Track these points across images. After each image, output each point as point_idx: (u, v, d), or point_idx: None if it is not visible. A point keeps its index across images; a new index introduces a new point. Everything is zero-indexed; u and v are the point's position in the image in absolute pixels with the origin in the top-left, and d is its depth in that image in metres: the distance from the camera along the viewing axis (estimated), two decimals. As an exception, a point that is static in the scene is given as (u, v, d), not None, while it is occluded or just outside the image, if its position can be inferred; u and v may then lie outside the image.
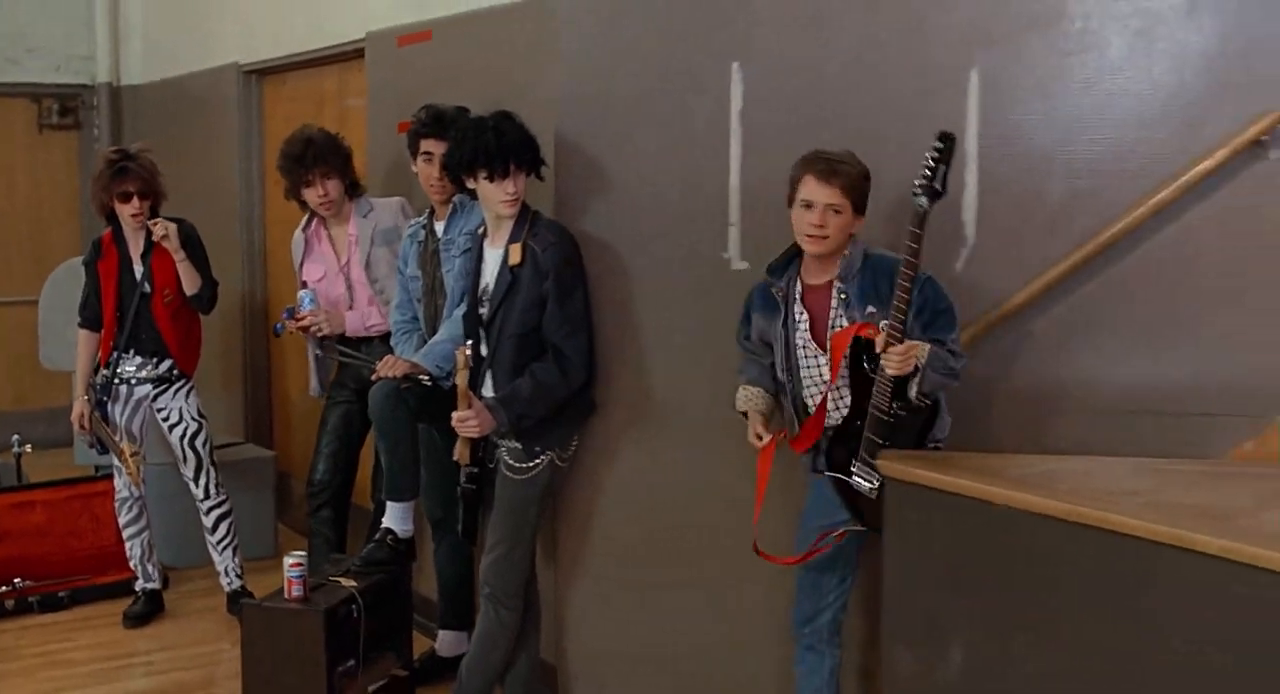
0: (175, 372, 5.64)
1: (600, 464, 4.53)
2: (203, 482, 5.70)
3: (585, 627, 4.70)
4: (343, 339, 5.33)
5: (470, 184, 4.26)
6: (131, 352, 5.59)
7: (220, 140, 7.43)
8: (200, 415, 5.69)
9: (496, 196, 4.21)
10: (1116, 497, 3.13)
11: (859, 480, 3.79)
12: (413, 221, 5.01)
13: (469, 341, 4.32)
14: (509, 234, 4.27)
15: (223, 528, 5.76)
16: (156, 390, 5.63)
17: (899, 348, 3.60)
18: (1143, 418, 4.10)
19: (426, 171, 4.74)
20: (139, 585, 5.90)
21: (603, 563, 4.63)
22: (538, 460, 4.30)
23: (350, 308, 5.34)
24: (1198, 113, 3.94)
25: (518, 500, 4.33)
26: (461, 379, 4.21)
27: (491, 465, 4.39)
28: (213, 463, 5.73)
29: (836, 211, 3.76)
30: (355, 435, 5.49)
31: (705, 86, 4.27)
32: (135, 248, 5.56)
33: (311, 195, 5.30)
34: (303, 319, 5.25)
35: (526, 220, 4.27)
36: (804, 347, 3.88)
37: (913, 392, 3.67)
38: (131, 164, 5.45)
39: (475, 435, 4.25)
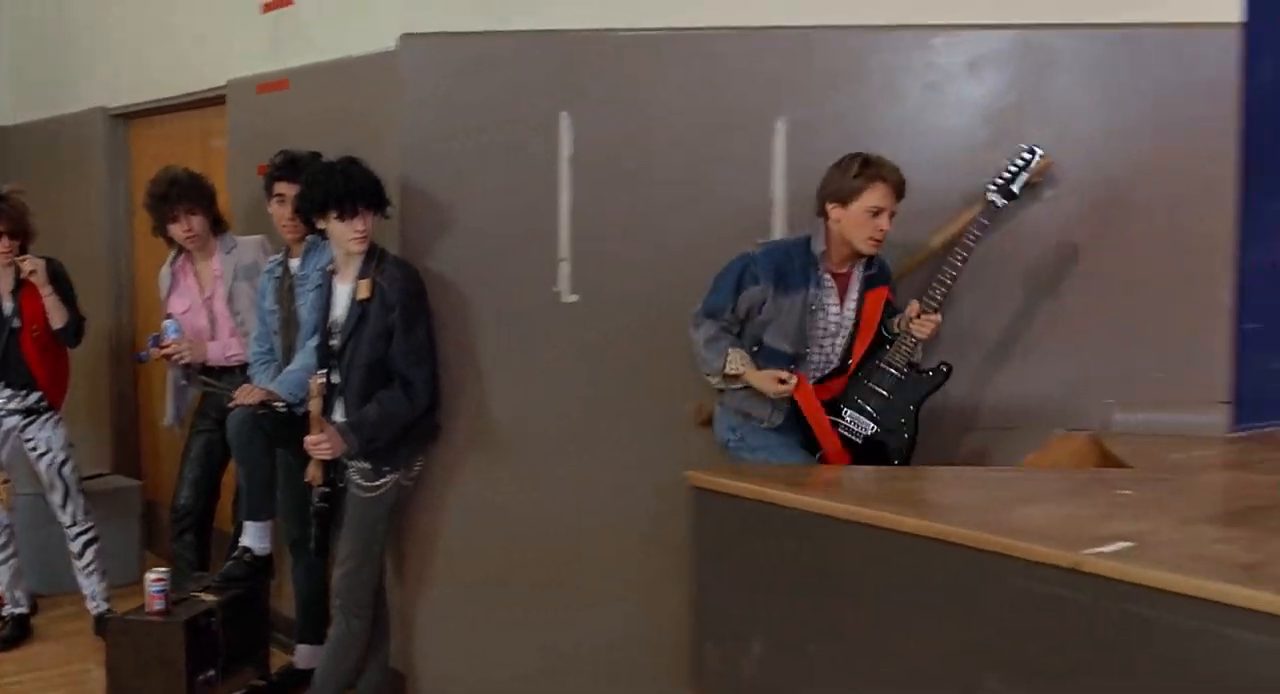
0: (44, 403, 5.83)
1: (443, 483, 4.83)
2: (70, 509, 5.90)
3: (432, 637, 4.97)
4: (205, 369, 5.56)
5: (321, 224, 4.55)
6: (1, 384, 5.79)
7: (89, 181, 7.59)
8: (68, 445, 5.89)
9: (346, 235, 4.50)
10: (888, 498, 3.52)
11: (851, 426, 4.22)
12: (271, 259, 5.28)
13: (322, 371, 4.61)
14: (358, 270, 4.55)
15: (89, 553, 5.96)
16: (25, 421, 5.83)
17: (935, 317, 4.14)
18: (948, 432, 4.54)
19: (280, 212, 5.02)
20: (6, 610, 6.04)
21: (446, 577, 4.91)
22: (384, 480, 4.59)
23: (213, 338, 5.57)
24: (981, 157, 4.40)
25: (366, 518, 4.61)
26: (315, 406, 4.51)
27: (342, 485, 4.66)
28: (80, 490, 5.93)
29: (892, 215, 4.17)
30: (217, 462, 5.69)
31: (537, 134, 4.63)
32: (4, 284, 5.73)
33: (177, 230, 5.51)
34: (166, 347, 5.46)
35: (374, 258, 4.55)
36: (827, 327, 4.26)
37: (918, 356, 4.20)
38: (2, 205, 5.63)
39: (327, 457, 4.54)
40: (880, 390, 4.23)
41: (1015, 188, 4.25)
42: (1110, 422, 4.43)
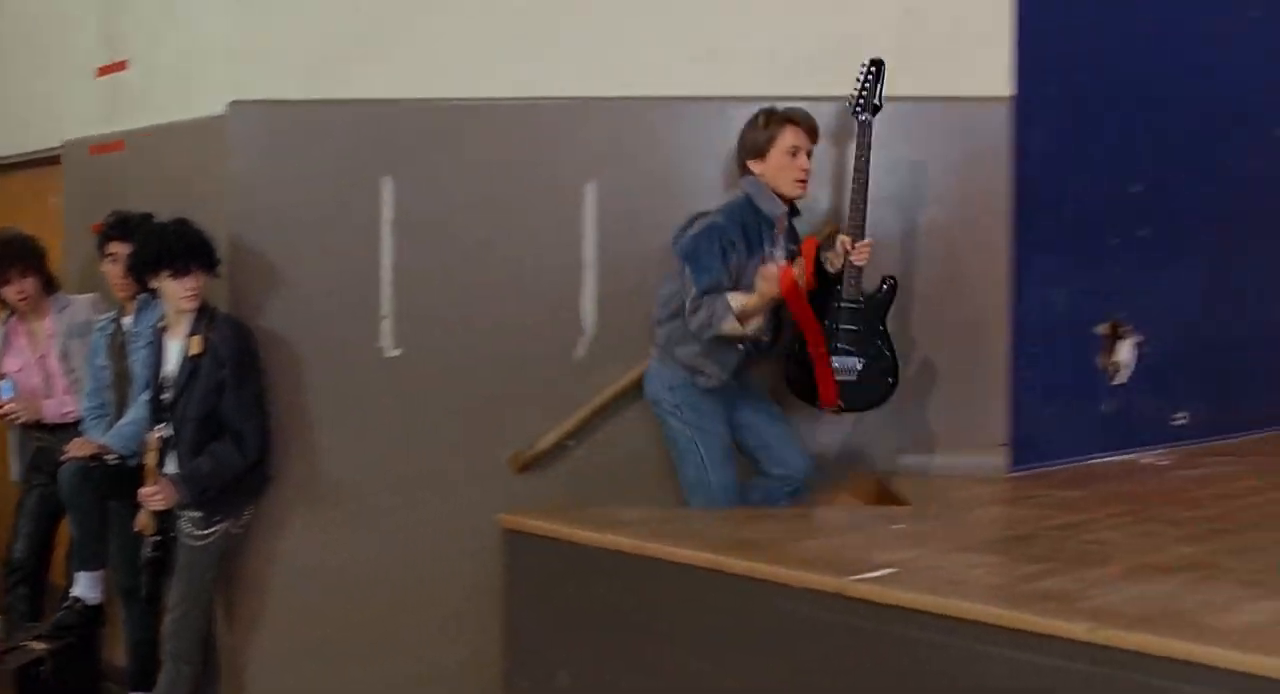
0: None
1: (273, 531, 4.97)
2: (-100, 565, 5.93)
3: (262, 682, 5.07)
4: (42, 426, 5.68)
5: (154, 283, 4.72)
6: None
7: (-79, 240, 7.61)
8: (-102, 502, 5.94)
9: (179, 293, 4.68)
10: (683, 535, 3.79)
11: (840, 369, 4.47)
12: (103, 317, 5.42)
13: (160, 425, 4.75)
14: (189, 327, 4.72)
15: (-81, 608, 5.99)
16: None
17: (865, 242, 4.43)
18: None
19: (112, 271, 5.17)
20: None
21: (276, 622, 5.03)
22: (214, 529, 4.74)
23: (49, 397, 5.67)
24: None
25: (196, 565, 4.75)
26: (151, 458, 4.68)
27: (173, 535, 4.80)
28: (-91, 547, 5.97)
29: (810, 154, 4.47)
30: (52, 516, 5.70)
31: (361, 197, 4.86)
32: None
33: (10, 292, 5.61)
34: (2, 407, 5.57)
35: (205, 315, 4.72)
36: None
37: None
38: None
39: (161, 508, 4.70)
40: (850, 327, 4.49)
41: (876, 101, 4.53)
42: (897, 464, 4.77)
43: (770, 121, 4.47)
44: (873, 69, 4.54)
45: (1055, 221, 5.00)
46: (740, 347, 4.45)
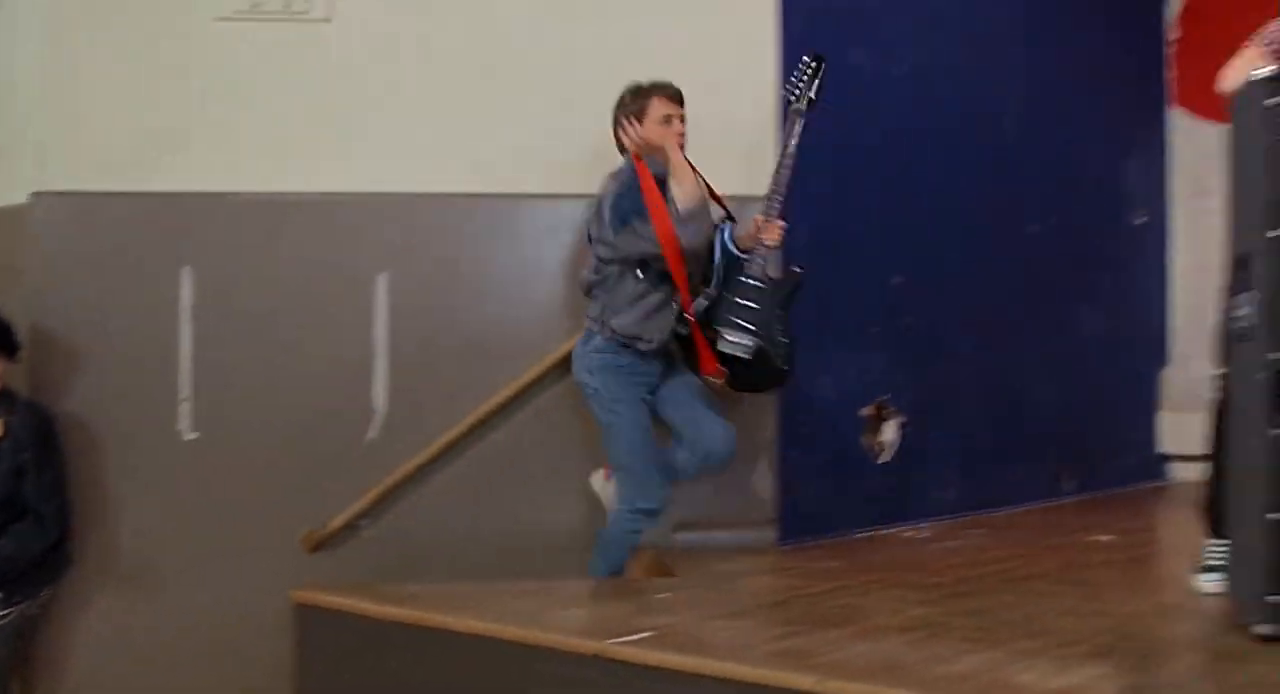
0: None
1: (72, 613, 5.05)
2: None
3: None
4: None
5: (-47, 369, 4.84)
6: None
7: None
8: None
9: (-23, 377, 4.82)
10: (463, 607, 4.01)
11: (735, 344, 4.60)
12: (-98, 402, 5.48)
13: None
14: (-10, 411, 4.86)
15: None
16: None
17: (778, 223, 4.61)
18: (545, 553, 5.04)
19: (-88, 358, 5.27)
20: None
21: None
22: (10, 610, 4.80)
23: None
24: (556, 308, 5.00)
25: (-9, 646, 4.86)
26: (-42, 543, 4.78)
27: (-32, 615, 4.89)
28: None
29: (683, 120, 4.63)
30: None
31: (161, 286, 5.03)
32: None
33: None
34: None
35: (6, 399, 4.83)
36: None
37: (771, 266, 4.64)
38: None
39: (-36, 591, 4.79)
40: (749, 304, 4.62)
41: (813, 94, 4.73)
42: (672, 540, 5.04)
43: (636, 96, 4.66)
44: (813, 65, 4.75)
45: (821, 310, 5.34)
46: (674, 304, 4.61)
